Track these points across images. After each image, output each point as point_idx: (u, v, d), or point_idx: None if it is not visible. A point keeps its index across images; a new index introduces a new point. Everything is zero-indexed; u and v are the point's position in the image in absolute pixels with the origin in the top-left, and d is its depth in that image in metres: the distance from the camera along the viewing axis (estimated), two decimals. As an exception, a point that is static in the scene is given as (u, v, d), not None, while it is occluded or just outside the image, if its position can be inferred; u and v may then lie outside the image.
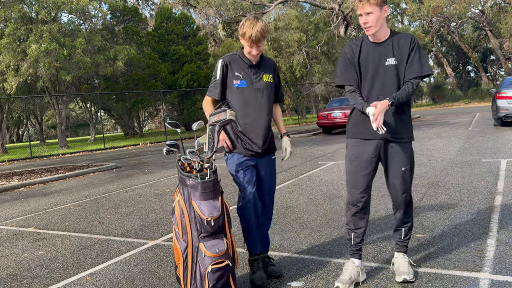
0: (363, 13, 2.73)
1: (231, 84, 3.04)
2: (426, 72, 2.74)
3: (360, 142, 2.85)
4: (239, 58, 3.07)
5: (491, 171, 6.16)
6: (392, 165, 2.83)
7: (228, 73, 3.05)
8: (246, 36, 2.93)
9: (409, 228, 2.94)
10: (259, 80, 3.05)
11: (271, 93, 3.11)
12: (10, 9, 21.20)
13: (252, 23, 2.92)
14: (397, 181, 2.83)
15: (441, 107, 37.25)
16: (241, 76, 3.03)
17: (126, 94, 28.61)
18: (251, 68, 3.05)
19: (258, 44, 2.96)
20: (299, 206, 5.19)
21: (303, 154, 10.71)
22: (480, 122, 15.40)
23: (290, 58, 31.02)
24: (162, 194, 6.95)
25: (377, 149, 2.83)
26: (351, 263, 2.88)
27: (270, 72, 3.12)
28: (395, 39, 2.79)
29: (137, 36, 30.24)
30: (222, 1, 26.32)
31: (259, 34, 2.92)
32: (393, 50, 2.77)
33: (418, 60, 2.74)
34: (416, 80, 2.74)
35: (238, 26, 3.06)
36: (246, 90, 3.02)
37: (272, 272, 3.09)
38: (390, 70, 2.76)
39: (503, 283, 2.67)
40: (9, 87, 21.31)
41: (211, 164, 2.74)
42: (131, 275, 3.41)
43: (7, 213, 6.56)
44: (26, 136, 54.87)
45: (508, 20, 36.40)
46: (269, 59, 3.21)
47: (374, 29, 2.74)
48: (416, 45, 2.76)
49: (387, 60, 2.76)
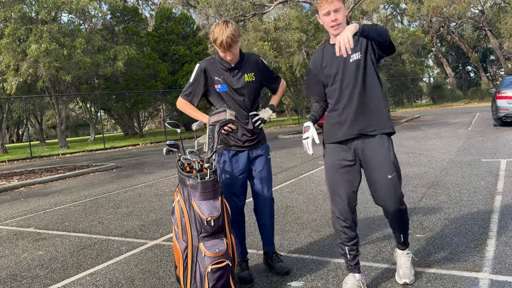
0: (332, 11, 2.58)
1: (213, 88, 3.03)
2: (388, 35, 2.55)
3: (336, 147, 2.69)
4: (217, 61, 3.03)
5: (491, 171, 6.16)
6: (375, 170, 2.61)
7: (207, 79, 3.02)
8: (217, 43, 2.87)
9: (406, 230, 2.78)
10: (240, 81, 3.02)
11: (254, 92, 3.09)
12: (10, 9, 21.20)
13: (222, 28, 2.83)
14: (384, 189, 2.58)
15: (441, 107, 37.25)
16: (221, 80, 3.01)
17: (126, 94, 28.62)
18: (230, 71, 3.01)
19: (230, 50, 2.89)
20: (299, 206, 5.19)
21: (303, 154, 10.72)
22: (480, 122, 15.41)
23: (290, 58, 31.02)
24: (162, 194, 6.95)
25: (354, 153, 2.66)
26: (351, 277, 2.71)
27: (251, 70, 3.06)
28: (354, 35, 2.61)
29: (137, 36, 30.25)
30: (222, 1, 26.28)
31: (229, 40, 2.83)
32: (355, 45, 2.62)
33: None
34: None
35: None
36: (228, 93, 3.01)
37: (280, 268, 3.11)
38: (356, 65, 2.61)
39: (503, 283, 2.67)
40: (9, 87, 21.32)
41: (211, 164, 2.75)
42: (131, 275, 3.41)
43: (7, 213, 6.56)
44: (26, 136, 54.86)
45: (508, 20, 36.40)
46: (252, 55, 3.13)
47: (342, 28, 2.60)
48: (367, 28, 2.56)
49: (351, 57, 2.62)
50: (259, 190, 3.14)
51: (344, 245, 2.71)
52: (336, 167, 2.67)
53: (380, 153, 2.63)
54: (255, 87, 3.09)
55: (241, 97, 3.03)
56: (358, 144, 2.66)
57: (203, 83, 3.03)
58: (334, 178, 2.68)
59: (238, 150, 3.06)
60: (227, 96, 3.02)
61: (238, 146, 3.06)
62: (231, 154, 3.06)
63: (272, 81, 3.23)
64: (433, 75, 57.14)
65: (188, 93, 3.07)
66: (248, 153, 3.08)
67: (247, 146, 3.07)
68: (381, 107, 2.67)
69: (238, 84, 3.02)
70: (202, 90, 3.05)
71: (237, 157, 3.06)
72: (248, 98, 3.05)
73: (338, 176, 2.66)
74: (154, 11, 43.00)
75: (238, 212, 3.12)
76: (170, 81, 30.04)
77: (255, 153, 3.11)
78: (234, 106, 3.03)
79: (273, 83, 3.24)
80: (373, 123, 2.64)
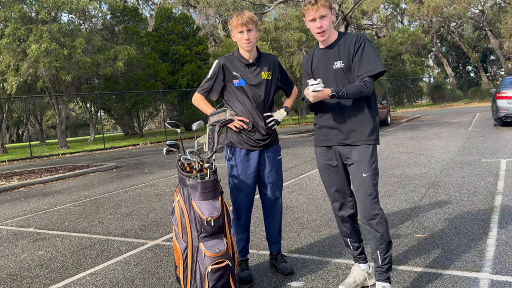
0: (317, 17, 2.55)
1: (230, 84, 3.08)
2: (378, 69, 2.52)
3: (324, 150, 2.73)
4: (236, 58, 3.10)
5: (491, 171, 6.16)
6: (352, 173, 2.61)
7: (226, 74, 3.08)
8: (234, 23, 2.97)
9: (386, 247, 2.55)
10: (257, 78, 3.07)
11: (270, 91, 3.12)
12: (10, 9, 21.20)
13: (239, 12, 3.00)
14: (360, 190, 2.56)
15: (441, 107, 37.25)
16: (239, 75, 3.06)
17: (126, 94, 28.61)
18: (248, 67, 3.07)
19: (248, 27, 2.97)
20: (299, 206, 5.19)
21: (303, 154, 10.71)
22: (480, 122, 15.40)
23: (290, 58, 31.02)
24: (162, 194, 6.95)
25: (338, 155, 2.68)
26: (357, 267, 2.82)
27: (268, 68, 3.12)
28: (341, 41, 2.62)
29: (137, 36, 30.25)
30: (222, 1, 26.29)
31: (246, 17, 2.95)
32: (339, 52, 2.60)
33: (367, 58, 2.53)
34: (369, 78, 2.51)
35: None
36: (245, 89, 3.05)
37: (283, 269, 3.13)
38: (339, 74, 2.59)
39: (503, 283, 2.66)
40: (9, 87, 21.31)
41: (211, 164, 2.74)
42: (131, 275, 3.41)
43: (7, 213, 6.56)
44: (26, 136, 54.86)
45: (508, 20, 36.40)
46: (269, 55, 3.21)
47: (327, 33, 2.59)
48: (363, 43, 2.56)
49: (335, 64, 2.60)
50: (268, 190, 3.15)
51: (345, 238, 2.83)
52: (326, 169, 2.75)
53: (360, 168, 2.57)
54: (271, 86, 3.13)
55: (257, 94, 3.05)
56: (339, 150, 2.66)
57: (222, 78, 3.09)
58: (326, 180, 2.77)
59: (250, 149, 3.08)
60: (243, 92, 3.05)
61: (250, 145, 3.07)
62: (243, 152, 3.08)
63: (286, 83, 3.28)
64: (433, 75, 57.14)
65: (206, 88, 3.12)
66: (259, 152, 3.10)
67: (259, 146, 3.09)
68: (367, 115, 2.59)
69: (255, 80, 3.06)
70: (221, 86, 3.10)
71: (248, 156, 3.08)
72: (263, 96, 3.08)
73: (328, 178, 2.75)
74: (154, 11, 43.00)
75: (246, 210, 3.13)
76: (170, 81, 30.03)
77: (267, 153, 3.13)
78: (249, 104, 3.05)
79: (287, 85, 3.29)
80: (353, 132, 2.59)
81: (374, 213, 2.51)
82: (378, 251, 2.53)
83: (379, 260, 2.55)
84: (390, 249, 2.56)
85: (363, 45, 2.55)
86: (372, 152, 2.57)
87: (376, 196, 2.54)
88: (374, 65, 2.53)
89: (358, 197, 2.58)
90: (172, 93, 29.62)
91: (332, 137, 2.66)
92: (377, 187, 2.57)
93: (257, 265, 3.37)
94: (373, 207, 2.51)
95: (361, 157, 2.56)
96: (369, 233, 2.56)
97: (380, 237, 2.52)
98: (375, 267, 2.59)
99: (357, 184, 2.57)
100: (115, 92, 28.59)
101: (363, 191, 2.54)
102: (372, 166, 2.55)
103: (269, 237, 3.25)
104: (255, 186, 3.14)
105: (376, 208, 2.52)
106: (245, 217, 3.15)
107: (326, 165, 2.73)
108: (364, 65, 2.53)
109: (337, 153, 2.68)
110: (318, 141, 2.77)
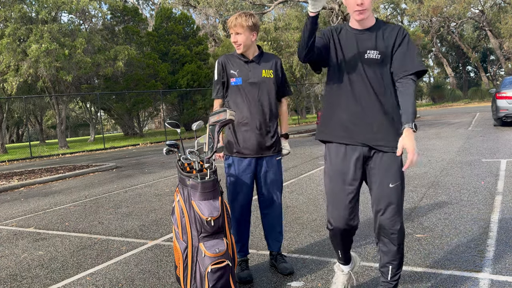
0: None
1: (229, 82, 3.08)
2: (424, 67, 2.26)
3: (340, 148, 2.32)
4: (236, 56, 3.10)
5: (491, 171, 6.16)
6: (377, 182, 2.28)
7: (226, 73, 3.09)
8: (228, 24, 3.04)
9: (398, 265, 2.33)
10: (257, 76, 3.04)
11: (270, 89, 3.08)
12: (10, 9, 21.21)
13: (237, 14, 3.01)
14: (384, 202, 2.25)
15: (441, 107, 37.25)
16: (237, 74, 3.05)
17: (126, 94, 28.61)
18: (248, 64, 3.06)
19: (236, 30, 2.98)
20: (299, 206, 5.19)
21: (303, 154, 10.72)
22: (480, 122, 15.40)
23: (290, 58, 31.03)
24: (162, 194, 6.95)
25: (360, 159, 2.30)
26: (339, 273, 2.61)
27: (270, 67, 3.10)
28: (380, 29, 2.31)
29: (137, 36, 30.24)
30: (222, 1, 26.31)
31: (235, 20, 2.96)
32: (376, 41, 2.29)
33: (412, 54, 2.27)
34: (415, 78, 2.25)
35: None
36: (241, 87, 3.03)
37: (283, 269, 3.13)
38: (372, 64, 2.29)
39: (503, 283, 2.66)
40: (9, 87, 21.32)
41: (211, 164, 2.74)
42: (131, 275, 3.41)
43: (7, 213, 6.56)
44: (26, 136, 54.85)
45: (508, 20, 36.40)
46: (271, 55, 3.20)
47: (368, 13, 2.25)
48: (407, 36, 2.29)
49: (368, 52, 2.29)
50: (266, 190, 3.14)
51: (337, 250, 2.52)
52: (338, 174, 2.42)
53: (388, 177, 2.28)
54: (271, 86, 3.08)
55: (255, 93, 3.01)
56: (365, 152, 2.32)
57: (225, 77, 3.10)
58: (334, 188, 2.45)
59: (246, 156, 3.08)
60: (240, 91, 3.03)
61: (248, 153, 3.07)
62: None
63: (283, 86, 3.20)
64: (433, 75, 57.13)
65: (218, 91, 3.13)
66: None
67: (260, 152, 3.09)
68: (399, 115, 2.28)
69: (254, 77, 3.03)
70: (225, 82, 3.12)
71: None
72: (263, 95, 3.03)
73: (339, 187, 2.42)
74: (154, 11, 42.99)
75: (245, 210, 3.12)
76: (170, 81, 30.03)
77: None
78: (245, 104, 3.01)
79: (283, 88, 3.20)
80: (387, 135, 2.26)
81: (397, 228, 2.26)
82: (391, 266, 2.32)
83: (389, 275, 2.33)
84: (402, 266, 2.36)
85: (408, 39, 2.26)
86: (402, 159, 2.28)
87: (401, 209, 2.28)
88: (420, 63, 2.24)
89: (381, 209, 2.28)
90: (172, 93, 29.62)
91: (356, 135, 2.28)
92: (403, 198, 2.33)
93: (257, 265, 3.37)
94: (396, 221, 2.26)
95: (389, 164, 2.25)
96: (385, 246, 2.32)
97: (396, 252, 2.30)
98: (382, 281, 2.37)
99: (378, 194, 2.27)
100: (115, 92, 28.59)
101: (386, 203, 2.25)
102: (400, 175, 2.26)
103: (268, 237, 3.24)
104: (253, 186, 3.13)
105: (399, 222, 2.27)
106: (244, 217, 3.14)
107: (341, 168, 2.32)
108: (411, 61, 2.24)
109: (360, 156, 2.30)
110: (335, 136, 2.33)
